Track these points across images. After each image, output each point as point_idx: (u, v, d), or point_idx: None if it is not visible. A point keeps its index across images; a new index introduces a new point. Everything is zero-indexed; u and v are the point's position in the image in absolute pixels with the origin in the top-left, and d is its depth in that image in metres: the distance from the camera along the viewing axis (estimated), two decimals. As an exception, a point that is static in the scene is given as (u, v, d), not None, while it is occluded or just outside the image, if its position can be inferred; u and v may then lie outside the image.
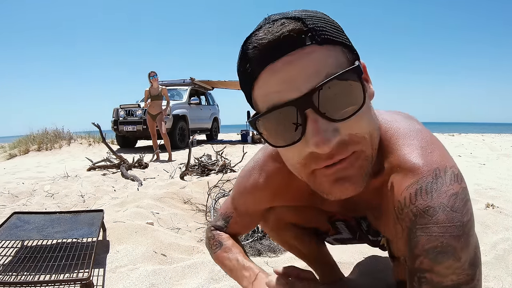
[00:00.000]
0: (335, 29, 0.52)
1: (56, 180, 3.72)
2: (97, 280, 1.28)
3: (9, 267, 1.31)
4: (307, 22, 0.49)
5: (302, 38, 0.48)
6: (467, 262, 0.53)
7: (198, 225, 2.14)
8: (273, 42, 0.48)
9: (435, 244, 0.52)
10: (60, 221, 1.60)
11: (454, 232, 0.52)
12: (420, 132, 0.63)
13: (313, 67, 0.47)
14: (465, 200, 0.54)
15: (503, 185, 3.01)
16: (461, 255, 0.52)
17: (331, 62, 0.48)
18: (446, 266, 0.52)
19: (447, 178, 0.55)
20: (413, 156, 0.58)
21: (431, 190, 0.54)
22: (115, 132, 7.66)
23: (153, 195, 2.52)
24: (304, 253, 1.09)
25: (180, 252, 1.56)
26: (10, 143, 8.37)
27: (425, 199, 0.54)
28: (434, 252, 0.52)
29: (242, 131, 9.93)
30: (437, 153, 0.58)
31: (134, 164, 4.58)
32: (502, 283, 1.21)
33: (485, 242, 1.57)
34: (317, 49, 0.48)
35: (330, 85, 0.47)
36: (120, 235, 1.64)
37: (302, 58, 0.48)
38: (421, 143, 0.60)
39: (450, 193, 0.53)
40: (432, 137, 0.62)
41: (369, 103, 0.54)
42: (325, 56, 0.48)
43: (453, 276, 0.53)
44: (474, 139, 9.03)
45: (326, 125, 0.48)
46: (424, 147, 0.59)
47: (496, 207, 2.09)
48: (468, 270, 0.53)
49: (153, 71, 5.64)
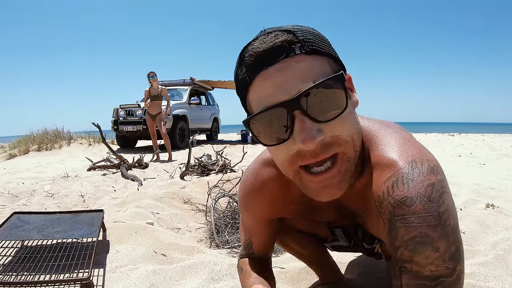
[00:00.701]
0: (323, 42, 0.57)
1: (56, 180, 3.72)
2: (97, 280, 1.28)
3: (9, 267, 1.31)
4: (297, 34, 0.55)
5: (293, 48, 0.54)
6: (446, 254, 0.55)
7: (198, 225, 2.14)
8: (267, 50, 0.54)
9: (414, 234, 0.54)
10: (60, 221, 1.60)
11: (431, 222, 0.54)
12: (398, 133, 0.66)
13: (302, 74, 0.53)
14: (441, 191, 0.56)
15: (503, 185, 3.01)
16: (439, 246, 0.54)
17: (318, 71, 0.54)
18: (425, 256, 0.54)
19: (423, 169, 0.57)
20: (389, 153, 0.61)
21: (407, 181, 0.56)
22: (115, 132, 7.66)
23: (153, 195, 2.52)
24: (304, 255, 1.10)
25: (180, 252, 1.56)
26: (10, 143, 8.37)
27: (402, 189, 0.56)
28: (413, 242, 0.54)
29: (242, 131, 9.93)
30: (413, 149, 0.61)
31: (134, 164, 4.58)
32: (502, 283, 1.21)
33: (485, 242, 1.57)
34: (306, 58, 0.54)
35: (316, 91, 0.52)
36: (120, 235, 1.64)
37: (292, 65, 0.53)
38: (398, 141, 0.63)
39: (427, 184, 0.56)
40: (410, 137, 0.65)
41: (352, 110, 0.59)
42: (313, 65, 0.54)
43: (432, 267, 0.55)
44: (474, 139, 9.03)
45: (311, 125, 0.53)
46: (401, 144, 0.62)
47: (496, 207, 2.09)
48: (448, 263, 0.55)
49: (153, 71, 5.64)
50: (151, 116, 5.72)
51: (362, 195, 0.66)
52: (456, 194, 2.59)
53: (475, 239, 1.61)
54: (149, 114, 5.74)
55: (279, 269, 1.36)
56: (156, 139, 5.93)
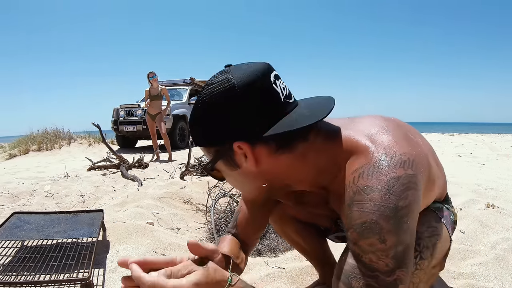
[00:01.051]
0: (205, 134, 0.64)
1: (56, 180, 3.72)
2: (97, 280, 1.28)
3: (9, 267, 1.31)
4: (191, 132, 0.67)
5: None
6: (391, 251, 0.55)
7: (198, 225, 2.14)
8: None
9: (365, 219, 0.56)
10: (60, 221, 1.60)
11: (385, 212, 0.55)
12: (376, 123, 0.66)
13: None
14: (406, 186, 0.57)
15: (503, 185, 3.01)
16: (386, 238, 0.55)
17: (207, 155, 0.67)
18: (369, 243, 0.56)
19: (392, 162, 0.58)
20: (363, 142, 0.62)
21: (372, 172, 0.58)
22: (115, 132, 7.66)
23: (153, 195, 2.52)
24: (306, 249, 1.11)
25: (180, 252, 1.56)
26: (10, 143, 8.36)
27: (366, 180, 0.58)
28: (362, 226, 0.56)
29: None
30: (388, 139, 0.61)
31: (134, 164, 4.58)
32: (502, 283, 1.21)
33: (485, 242, 1.57)
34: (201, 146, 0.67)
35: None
36: (120, 235, 1.64)
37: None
38: (374, 130, 0.64)
39: (391, 176, 0.56)
40: (392, 127, 0.64)
41: (248, 171, 0.65)
42: (204, 151, 0.67)
43: (372, 256, 0.55)
44: (474, 139, 9.03)
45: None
46: (376, 133, 0.63)
47: (496, 207, 2.09)
48: (389, 260, 0.56)
49: (152, 72, 5.64)
50: (151, 116, 5.72)
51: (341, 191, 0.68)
52: (456, 194, 2.59)
53: (475, 239, 1.61)
54: (149, 114, 5.74)
55: (279, 269, 1.36)
56: (156, 139, 5.92)
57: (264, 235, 1.82)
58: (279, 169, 0.65)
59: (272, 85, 0.61)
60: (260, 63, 0.63)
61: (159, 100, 5.70)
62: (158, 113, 5.70)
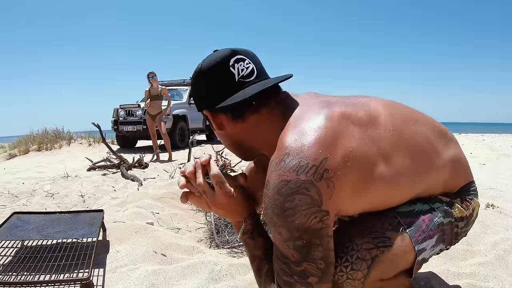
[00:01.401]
0: (198, 99, 0.81)
1: (56, 180, 3.72)
2: (97, 280, 1.28)
3: (9, 267, 1.31)
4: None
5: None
6: (290, 243, 0.64)
7: (198, 225, 2.14)
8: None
9: (266, 212, 0.67)
10: (60, 221, 1.60)
11: (275, 210, 0.64)
12: (307, 121, 0.69)
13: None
14: (294, 191, 0.62)
15: (503, 185, 3.01)
16: (280, 231, 0.65)
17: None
18: (273, 233, 0.67)
19: (289, 164, 0.63)
20: (283, 139, 0.68)
21: (273, 170, 0.65)
22: (115, 132, 7.66)
23: (153, 195, 2.52)
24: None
25: (180, 252, 1.56)
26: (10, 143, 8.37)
27: (269, 174, 0.66)
28: (267, 218, 0.67)
29: (242, 131, 9.92)
30: (308, 138, 0.65)
31: (134, 164, 4.58)
32: (502, 283, 1.21)
33: (485, 242, 1.57)
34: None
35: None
36: (120, 235, 1.64)
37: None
38: (295, 129, 0.68)
39: (282, 179, 0.63)
40: (318, 127, 0.67)
41: (224, 132, 0.81)
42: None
43: (282, 245, 0.66)
44: (474, 139, 9.03)
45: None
46: (308, 128, 0.67)
47: (496, 207, 2.09)
48: (293, 251, 0.64)
49: (152, 72, 5.65)
50: (151, 116, 5.72)
51: None
52: (456, 194, 2.59)
53: (475, 239, 1.61)
54: (149, 114, 5.74)
55: (279, 269, 1.36)
56: (156, 139, 5.93)
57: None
58: (239, 134, 0.79)
59: (229, 68, 0.74)
60: (226, 49, 0.76)
61: (159, 100, 5.70)
62: (159, 113, 5.70)
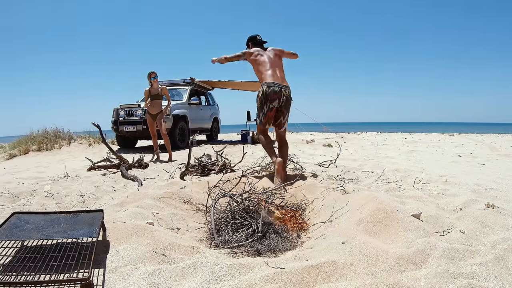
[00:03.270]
0: (247, 42, 3.89)
1: (56, 180, 3.72)
2: (97, 280, 1.28)
3: (9, 267, 1.31)
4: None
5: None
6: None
7: (198, 225, 2.14)
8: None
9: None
10: (60, 221, 1.60)
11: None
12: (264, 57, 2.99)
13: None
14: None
15: (503, 185, 3.01)
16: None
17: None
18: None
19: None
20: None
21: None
22: (115, 132, 7.66)
23: (153, 195, 2.52)
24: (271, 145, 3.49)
25: (180, 252, 1.56)
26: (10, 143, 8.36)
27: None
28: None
29: (242, 131, 9.93)
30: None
31: (134, 164, 4.58)
32: (502, 283, 1.21)
33: (485, 242, 1.57)
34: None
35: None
36: (120, 235, 1.64)
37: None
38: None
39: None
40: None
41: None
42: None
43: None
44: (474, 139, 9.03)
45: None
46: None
47: (496, 207, 2.09)
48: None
49: (154, 72, 5.64)
50: (152, 115, 5.72)
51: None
52: (456, 194, 2.59)
53: (475, 239, 1.61)
54: (149, 114, 5.74)
55: (279, 269, 1.36)
56: (156, 139, 5.93)
57: (264, 235, 1.82)
58: (254, 64, 3.38)
59: (257, 36, 3.56)
60: (256, 34, 3.57)
61: (160, 100, 5.70)
62: (159, 113, 5.70)
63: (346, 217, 1.94)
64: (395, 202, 2.02)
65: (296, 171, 3.47)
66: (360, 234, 1.63)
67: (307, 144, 8.54)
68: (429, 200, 2.38)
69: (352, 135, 12.31)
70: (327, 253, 1.47)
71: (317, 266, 1.35)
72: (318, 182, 2.96)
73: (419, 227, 1.68)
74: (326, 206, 2.27)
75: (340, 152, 5.18)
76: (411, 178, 3.32)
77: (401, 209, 1.85)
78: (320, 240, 1.76)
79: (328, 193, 2.49)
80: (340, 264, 1.36)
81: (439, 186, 2.94)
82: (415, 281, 1.22)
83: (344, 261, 1.40)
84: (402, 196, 2.51)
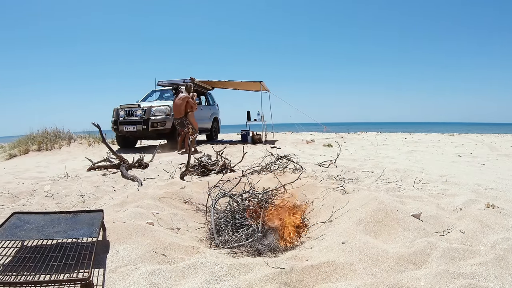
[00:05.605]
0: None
1: (56, 180, 3.72)
2: (97, 280, 1.28)
3: (9, 267, 1.31)
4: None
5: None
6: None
7: (198, 225, 2.14)
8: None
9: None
10: (60, 221, 1.60)
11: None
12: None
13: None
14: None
15: (503, 185, 3.01)
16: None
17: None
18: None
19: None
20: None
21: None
22: (115, 132, 7.66)
23: (153, 195, 2.52)
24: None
25: (180, 252, 1.56)
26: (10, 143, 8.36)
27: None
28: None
29: (242, 131, 9.93)
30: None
31: (134, 164, 4.58)
32: (502, 283, 1.21)
33: (485, 242, 1.57)
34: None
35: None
36: (120, 235, 1.64)
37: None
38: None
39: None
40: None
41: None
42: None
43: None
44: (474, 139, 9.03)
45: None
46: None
47: (496, 207, 2.09)
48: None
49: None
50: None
51: None
52: (456, 194, 2.59)
53: (475, 239, 1.61)
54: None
55: (279, 269, 1.36)
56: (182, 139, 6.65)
57: (264, 235, 1.82)
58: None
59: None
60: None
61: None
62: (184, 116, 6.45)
63: (346, 217, 1.94)
64: (395, 202, 2.02)
65: (296, 171, 3.47)
66: (360, 234, 1.63)
67: (307, 144, 8.54)
68: (429, 200, 2.38)
69: (352, 135, 12.31)
70: (327, 253, 1.47)
71: (317, 266, 1.35)
72: (318, 182, 2.96)
73: (419, 227, 1.68)
74: (326, 206, 2.27)
75: (340, 152, 5.18)
76: (411, 178, 3.32)
77: (401, 209, 1.85)
78: (320, 240, 1.76)
79: (328, 193, 2.49)
80: (340, 264, 1.36)
81: (439, 186, 2.93)
82: (415, 281, 1.22)
83: (344, 261, 1.40)
84: (402, 196, 2.51)
